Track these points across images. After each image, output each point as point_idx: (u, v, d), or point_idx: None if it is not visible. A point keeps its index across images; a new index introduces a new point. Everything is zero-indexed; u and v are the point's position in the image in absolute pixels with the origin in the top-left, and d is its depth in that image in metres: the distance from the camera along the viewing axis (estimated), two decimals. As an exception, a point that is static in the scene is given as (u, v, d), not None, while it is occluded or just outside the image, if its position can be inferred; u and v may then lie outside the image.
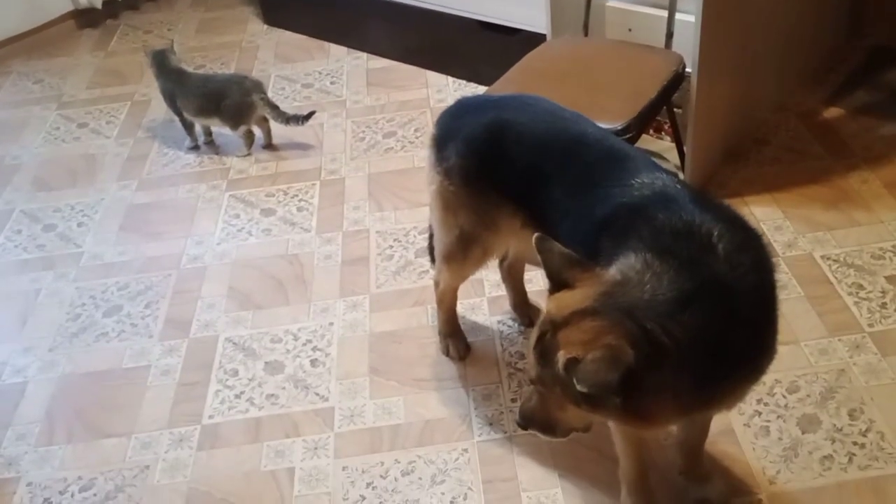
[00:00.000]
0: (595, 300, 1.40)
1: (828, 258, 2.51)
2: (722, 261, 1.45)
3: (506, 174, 1.86)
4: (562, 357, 1.36)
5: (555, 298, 1.46)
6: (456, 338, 2.38)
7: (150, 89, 3.84)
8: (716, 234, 1.47)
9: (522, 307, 2.45)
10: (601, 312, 1.38)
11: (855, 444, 2.01)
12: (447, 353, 2.37)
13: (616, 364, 1.31)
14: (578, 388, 1.33)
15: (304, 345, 2.47)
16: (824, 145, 2.96)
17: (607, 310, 1.38)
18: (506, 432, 2.14)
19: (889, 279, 2.41)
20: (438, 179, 1.99)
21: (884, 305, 2.34)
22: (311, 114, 3.28)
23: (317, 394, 2.32)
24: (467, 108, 2.02)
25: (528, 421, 1.59)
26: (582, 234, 1.66)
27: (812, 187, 2.78)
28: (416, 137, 3.30)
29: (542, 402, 1.54)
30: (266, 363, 2.43)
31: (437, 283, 2.29)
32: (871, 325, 2.29)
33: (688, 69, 2.55)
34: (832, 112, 3.13)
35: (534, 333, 1.48)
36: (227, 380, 2.40)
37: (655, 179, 1.63)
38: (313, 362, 2.42)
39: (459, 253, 2.08)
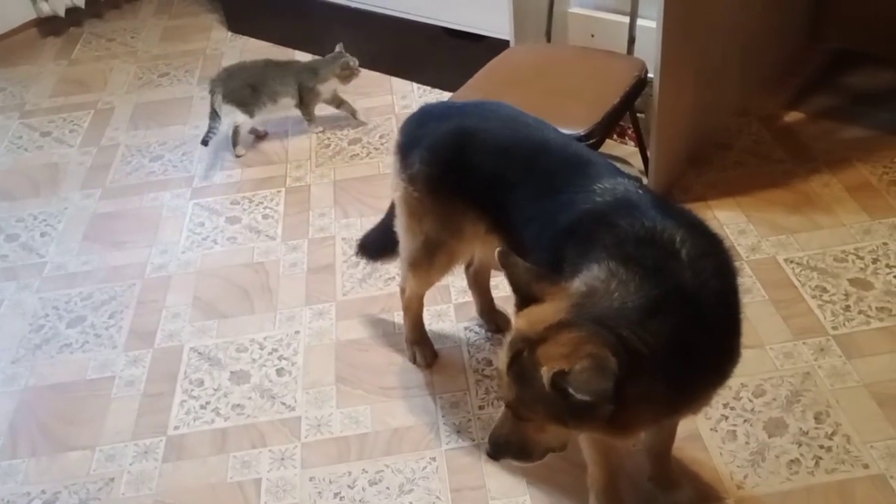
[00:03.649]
0: (568, 312, 1.39)
1: (791, 261, 2.53)
2: (686, 267, 1.46)
3: (469, 181, 1.86)
4: (546, 373, 1.34)
5: (524, 315, 1.45)
6: (423, 345, 2.37)
7: (114, 97, 3.82)
8: (678, 239, 1.48)
9: (489, 313, 2.45)
10: (576, 324, 1.37)
11: (821, 447, 2.02)
12: (414, 361, 2.36)
13: (605, 371, 1.31)
14: (578, 397, 1.30)
15: (270, 354, 2.45)
16: (786, 149, 2.99)
17: (581, 321, 1.37)
18: (474, 440, 2.14)
19: (852, 282, 2.44)
20: (403, 186, 1.98)
21: (847, 308, 2.36)
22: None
23: (283, 403, 2.30)
24: (431, 115, 2.02)
25: (500, 449, 1.55)
26: (547, 241, 1.67)
27: (774, 191, 2.81)
28: (382, 144, 3.29)
29: (517, 426, 1.50)
30: (232, 373, 2.41)
31: (403, 290, 2.28)
32: (835, 328, 2.31)
33: (650, 74, 2.57)
34: (793, 116, 3.17)
35: (504, 354, 1.45)
36: (192, 390, 2.37)
37: (617, 185, 1.63)
38: (279, 371, 2.40)
39: (425, 260, 2.08)
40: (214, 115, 3.28)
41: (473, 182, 1.85)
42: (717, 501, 1.95)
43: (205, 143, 3.32)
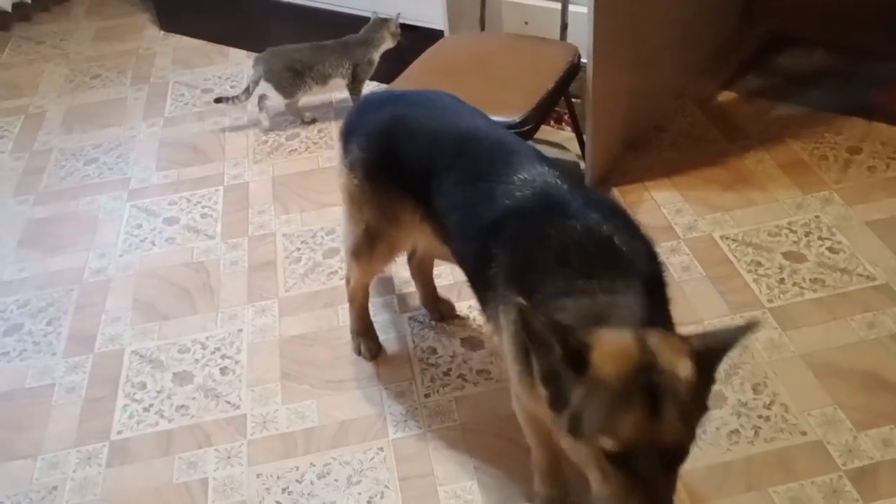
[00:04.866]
0: (615, 326, 1.34)
1: (727, 238, 2.58)
2: (634, 259, 1.49)
3: (403, 167, 1.88)
4: (686, 367, 1.26)
5: (605, 359, 1.26)
6: (368, 337, 2.37)
7: (46, 101, 3.74)
8: (613, 236, 1.50)
9: (433, 302, 2.45)
10: (635, 332, 1.30)
11: (760, 417, 2.07)
12: (359, 353, 2.36)
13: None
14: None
15: (213, 353, 2.43)
16: (721, 129, 3.05)
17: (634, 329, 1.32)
18: (420, 428, 2.14)
19: (786, 255, 2.49)
20: (345, 173, 2.01)
21: (782, 281, 2.41)
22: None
23: (228, 402, 2.28)
24: (372, 103, 2.07)
25: None
26: (471, 231, 1.71)
27: (710, 170, 2.85)
28: (320, 138, 3.27)
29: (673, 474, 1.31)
30: (174, 374, 2.38)
31: (347, 281, 2.29)
32: (770, 301, 2.36)
33: (583, 60, 2.59)
34: (727, 97, 3.22)
35: (640, 406, 1.23)
36: (134, 393, 2.34)
37: (536, 176, 1.65)
38: (223, 370, 2.38)
39: (366, 248, 2.09)
40: (247, 91, 3.30)
41: (406, 169, 1.88)
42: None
43: (218, 100, 3.37)
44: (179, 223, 2.94)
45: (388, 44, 3.27)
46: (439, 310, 2.44)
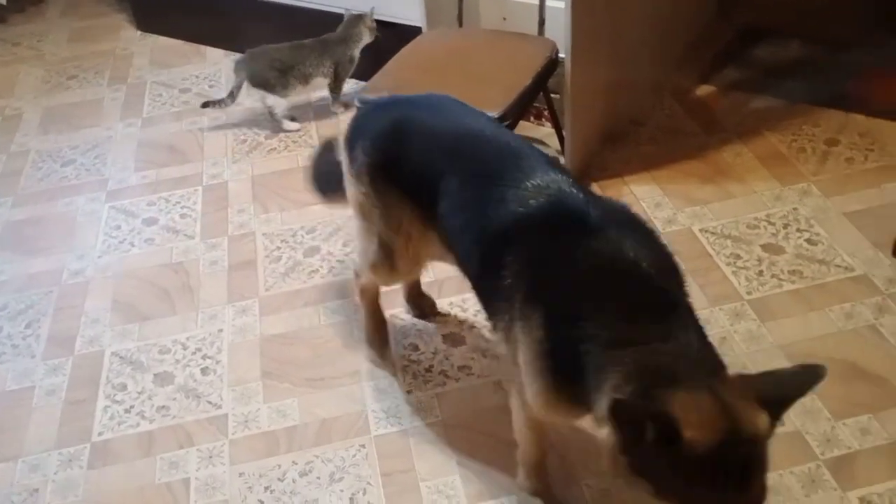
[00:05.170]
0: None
1: (706, 231, 2.59)
2: (670, 284, 1.49)
3: (407, 171, 1.84)
4: (765, 423, 1.27)
5: (694, 431, 1.24)
6: (382, 333, 2.37)
7: (22, 102, 3.71)
8: (639, 257, 1.47)
9: (416, 298, 2.45)
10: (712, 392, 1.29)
11: (739, 407, 2.08)
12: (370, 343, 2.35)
13: None
14: None
15: (194, 353, 2.42)
16: (698, 122, 3.06)
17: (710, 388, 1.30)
18: (402, 425, 2.15)
19: (764, 247, 2.51)
20: (352, 183, 1.97)
21: (760, 273, 2.43)
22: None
23: (209, 402, 2.28)
24: (376, 107, 2.02)
25: None
26: (476, 235, 1.68)
27: (688, 163, 2.87)
28: (300, 137, 3.27)
29: None
30: (155, 375, 2.37)
31: (357, 275, 2.27)
32: (749, 293, 2.37)
33: (561, 55, 2.60)
34: (705, 90, 3.24)
35: (729, 479, 1.25)
36: (115, 395, 2.33)
37: (550, 183, 1.60)
38: (204, 370, 2.37)
39: (386, 261, 2.03)
40: (231, 95, 3.28)
41: (411, 172, 1.83)
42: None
43: (204, 105, 3.34)
44: (158, 224, 2.93)
45: (366, 39, 3.26)
46: (421, 306, 2.44)
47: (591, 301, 1.45)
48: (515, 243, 1.58)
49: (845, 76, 3.19)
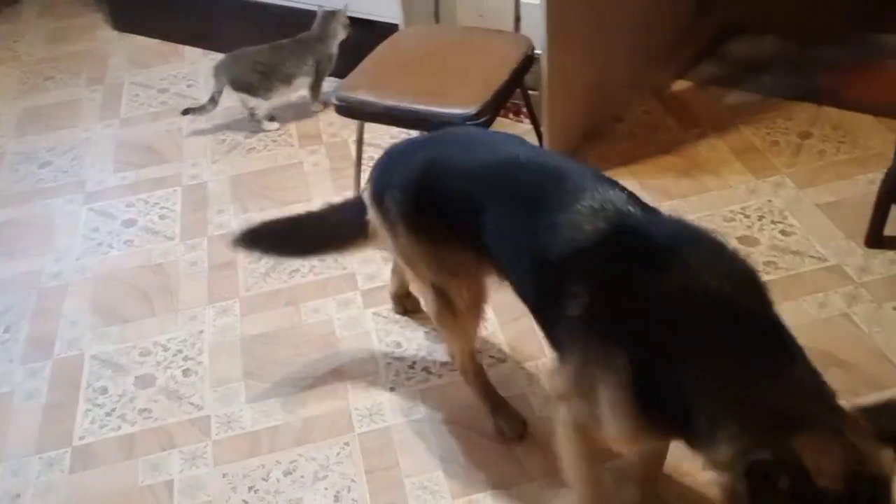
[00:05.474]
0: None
1: (683, 225, 2.61)
2: (754, 300, 1.40)
3: (445, 210, 1.76)
4: (891, 463, 1.22)
5: (827, 482, 1.19)
6: (505, 412, 2.10)
7: (-2, 104, 3.69)
8: (722, 280, 1.38)
9: (401, 297, 2.43)
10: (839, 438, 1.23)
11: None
12: (502, 434, 2.08)
13: None
14: None
15: (175, 355, 2.42)
16: (675, 118, 3.09)
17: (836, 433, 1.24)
18: (386, 422, 2.15)
19: (740, 239, 2.53)
20: (390, 236, 1.89)
21: (737, 265, 2.45)
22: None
23: (191, 403, 2.27)
24: (395, 155, 1.94)
25: None
26: (534, 266, 1.60)
27: (666, 158, 2.89)
28: (279, 136, 3.27)
29: None
30: (136, 377, 2.37)
31: (452, 356, 2.14)
32: (725, 285, 2.39)
33: (538, 51, 2.61)
34: (681, 85, 3.26)
35: None
36: (96, 398, 2.32)
37: (603, 203, 1.50)
38: (185, 372, 2.36)
39: (445, 310, 1.93)
40: (212, 100, 3.25)
41: (450, 211, 1.76)
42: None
43: (185, 112, 3.30)
44: (137, 225, 2.92)
45: (341, 35, 3.26)
46: (405, 305, 2.44)
47: (682, 337, 1.36)
48: (578, 273, 1.48)
49: (818, 70, 3.23)
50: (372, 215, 1.95)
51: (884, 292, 2.32)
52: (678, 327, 1.36)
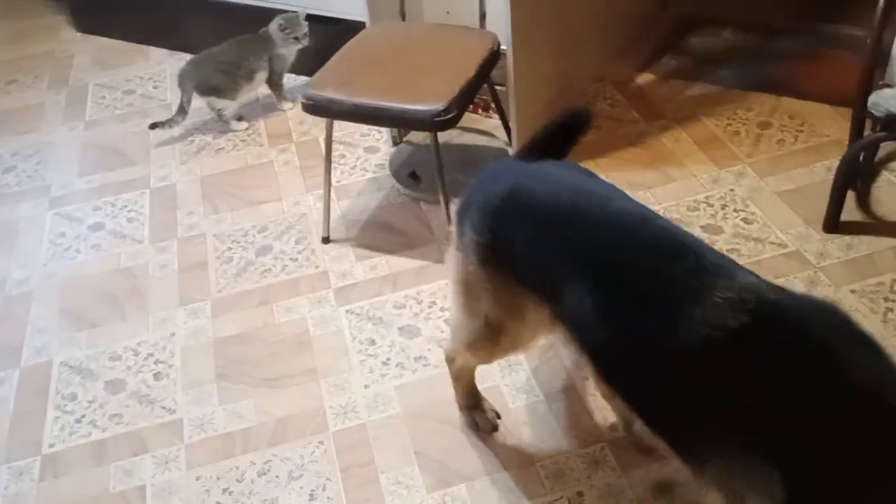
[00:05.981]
0: None
1: (650, 216, 2.64)
2: None
3: (524, 256, 1.59)
4: None
5: None
6: (480, 408, 2.12)
7: (-42, 110, 3.64)
8: (885, 386, 1.21)
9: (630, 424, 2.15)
10: None
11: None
12: (475, 427, 2.10)
13: None
14: None
15: (146, 359, 2.41)
16: (639, 110, 3.12)
17: None
18: (360, 419, 2.16)
19: (704, 228, 2.57)
20: (458, 257, 1.74)
21: (703, 255, 2.49)
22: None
23: (163, 407, 2.26)
24: (487, 175, 1.74)
25: None
26: (643, 353, 1.38)
27: (630, 150, 2.92)
28: (248, 135, 3.25)
29: None
30: (106, 382, 2.35)
31: (451, 359, 2.03)
32: (692, 275, 2.43)
33: (503, 47, 2.62)
34: (645, 78, 3.30)
35: None
36: (65, 405, 2.30)
37: (743, 293, 1.29)
38: (157, 375, 2.35)
39: (487, 342, 1.82)
40: (181, 110, 3.21)
41: (528, 258, 1.58)
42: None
43: (153, 126, 3.25)
44: (105, 229, 2.89)
45: (294, 44, 3.25)
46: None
47: (854, 460, 1.18)
48: (721, 373, 1.29)
49: (775, 60, 3.28)
50: (452, 234, 1.78)
51: (841, 276, 2.37)
52: (846, 449, 1.19)
